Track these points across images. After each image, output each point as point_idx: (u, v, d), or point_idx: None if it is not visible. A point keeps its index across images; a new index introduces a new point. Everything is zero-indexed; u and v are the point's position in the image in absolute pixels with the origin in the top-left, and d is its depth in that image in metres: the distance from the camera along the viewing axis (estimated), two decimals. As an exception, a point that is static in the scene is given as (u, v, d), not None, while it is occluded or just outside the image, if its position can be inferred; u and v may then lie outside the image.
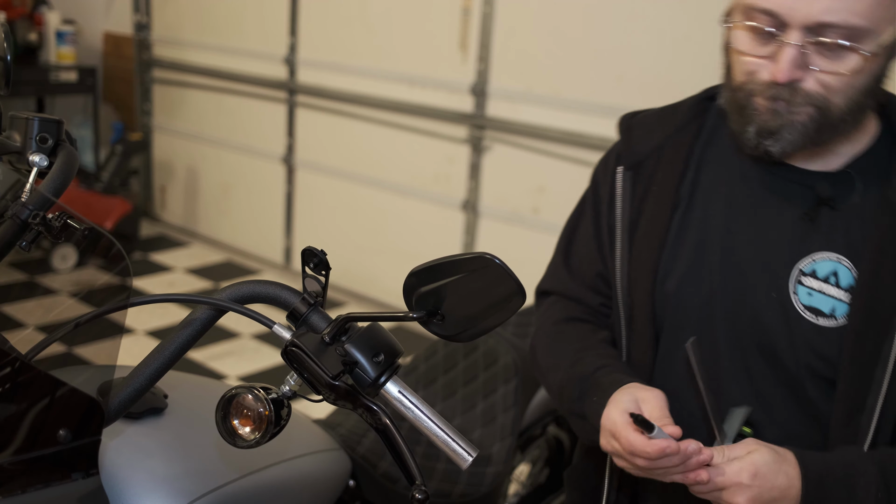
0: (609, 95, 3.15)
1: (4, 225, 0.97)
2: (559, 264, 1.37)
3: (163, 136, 5.00)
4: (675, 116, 1.28)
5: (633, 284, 1.23)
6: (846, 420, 1.10)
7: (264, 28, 4.30)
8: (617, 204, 1.26)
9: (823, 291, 1.13)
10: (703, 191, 1.22)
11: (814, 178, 1.15)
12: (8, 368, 0.85)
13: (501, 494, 1.62)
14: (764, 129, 1.09)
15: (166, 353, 0.93)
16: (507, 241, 3.54)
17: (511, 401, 1.69)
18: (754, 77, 1.09)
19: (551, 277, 1.39)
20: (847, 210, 1.13)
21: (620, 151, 1.29)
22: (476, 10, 3.46)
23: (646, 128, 1.29)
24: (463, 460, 0.86)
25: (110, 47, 5.10)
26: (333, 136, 4.13)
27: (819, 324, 1.12)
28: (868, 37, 1.02)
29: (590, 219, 1.32)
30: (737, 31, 1.10)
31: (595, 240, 1.31)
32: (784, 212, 1.16)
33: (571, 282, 1.34)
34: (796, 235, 1.15)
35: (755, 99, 1.09)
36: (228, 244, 4.77)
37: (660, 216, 1.22)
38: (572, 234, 1.36)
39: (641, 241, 1.23)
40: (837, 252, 1.13)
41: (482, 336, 0.87)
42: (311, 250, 0.89)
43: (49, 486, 0.84)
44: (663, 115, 1.30)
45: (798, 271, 1.14)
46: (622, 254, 1.25)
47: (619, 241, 1.25)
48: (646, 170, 1.25)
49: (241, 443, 0.84)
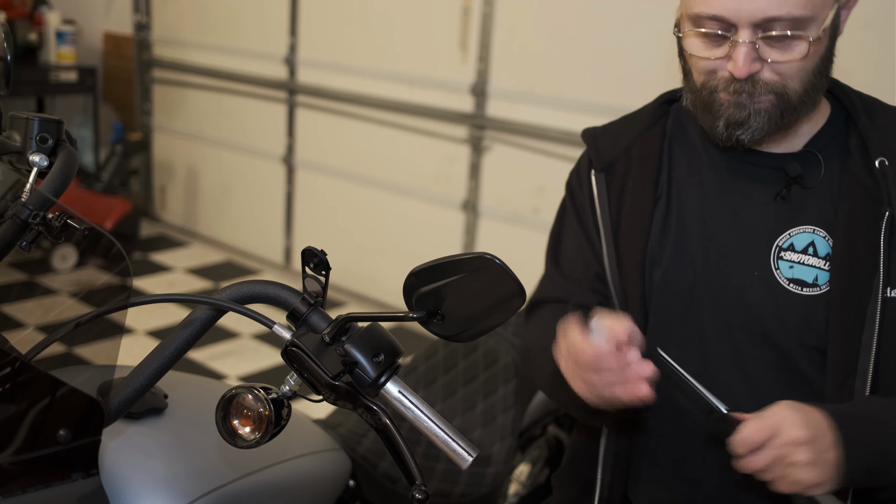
0: (609, 95, 3.15)
1: (4, 225, 0.97)
2: (552, 274, 1.39)
3: (163, 136, 5.00)
4: (638, 121, 1.35)
5: (625, 277, 1.28)
6: (840, 385, 1.14)
7: (264, 28, 4.30)
8: (596, 206, 1.32)
9: (804, 262, 1.19)
10: (677, 183, 1.29)
11: (781, 159, 1.22)
12: (8, 368, 0.85)
13: (501, 494, 1.62)
14: (732, 120, 1.15)
15: (166, 353, 0.93)
16: (507, 241, 3.54)
17: (511, 401, 1.69)
18: (715, 76, 1.16)
19: (546, 287, 1.40)
20: (815, 185, 1.20)
21: (591, 158, 1.35)
22: (476, 10, 3.46)
23: (611, 135, 1.36)
24: (463, 460, 0.86)
25: (110, 47, 5.10)
26: (333, 136, 4.13)
27: (804, 293, 1.18)
28: (811, 23, 1.09)
29: (575, 226, 1.36)
30: (689, 39, 1.17)
31: (586, 244, 1.34)
32: (757, 194, 1.23)
33: (569, 286, 1.35)
34: (771, 215, 1.21)
35: (719, 95, 1.16)
36: (228, 244, 4.77)
37: (641, 209, 1.28)
38: (557, 246, 1.40)
39: (627, 235, 1.28)
40: (813, 224, 1.19)
41: (482, 336, 0.87)
42: (311, 250, 0.89)
43: (49, 487, 0.84)
44: (625, 122, 1.37)
45: (777, 248, 1.20)
46: (609, 251, 1.29)
47: (604, 239, 1.30)
48: (618, 170, 1.32)
49: (242, 443, 0.84)
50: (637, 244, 1.27)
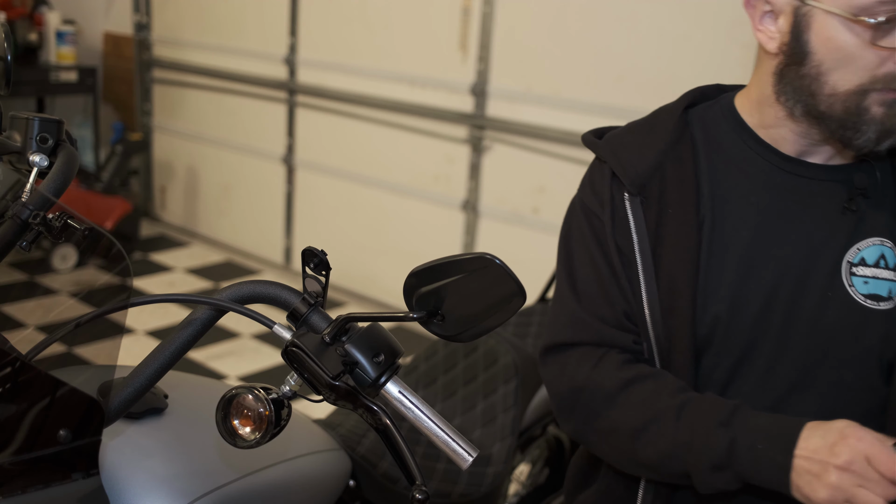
0: (609, 95, 3.15)
1: (5, 225, 0.97)
2: (574, 312, 1.21)
3: (163, 136, 5.00)
4: (661, 131, 1.21)
5: (669, 315, 1.15)
6: None
7: (264, 28, 4.30)
8: (633, 236, 1.17)
9: (878, 276, 1.13)
10: (726, 204, 1.17)
11: (843, 171, 1.16)
12: (8, 368, 0.85)
13: (501, 494, 1.62)
14: (887, 129, 1.05)
15: (166, 353, 0.93)
16: (507, 241, 3.54)
17: (511, 401, 1.69)
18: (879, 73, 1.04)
19: (570, 328, 1.22)
20: (876, 196, 1.15)
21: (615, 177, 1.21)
22: (476, 10, 3.46)
23: (633, 149, 1.21)
24: (463, 460, 0.86)
25: (110, 47, 5.10)
26: (333, 136, 4.13)
27: (882, 308, 1.12)
28: None
29: (597, 256, 1.20)
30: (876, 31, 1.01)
31: (611, 277, 1.19)
32: (820, 210, 1.15)
33: (598, 327, 1.20)
34: (838, 229, 1.14)
35: (875, 97, 1.05)
36: (228, 244, 4.77)
37: (685, 238, 1.15)
38: (572, 278, 1.23)
39: (672, 267, 1.15)
40: (880, 236, 1.14)
41: (482, 336, 0.87)
42: (311, 250, 0.89)
43: (49, 487, 0.84)
44: (644, 131, 1.23)
45: (847, 264, 1.14)
46: (648, 286, 1.16)
47: (643, 273, 1.16)
48: (651, 193, 1.18)
49: (242, 443, 0.84)
50: (686, 278, 1.14)
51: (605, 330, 1.19)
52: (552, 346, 1.23)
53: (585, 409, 1.17)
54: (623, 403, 1.14)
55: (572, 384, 1.19)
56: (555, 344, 1.23)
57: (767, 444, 1.02)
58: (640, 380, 1.14)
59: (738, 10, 2.75)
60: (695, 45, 2.92)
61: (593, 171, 1.26)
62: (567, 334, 1.22)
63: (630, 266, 1.18)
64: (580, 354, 1.20)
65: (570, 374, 1.19)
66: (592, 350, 1.19)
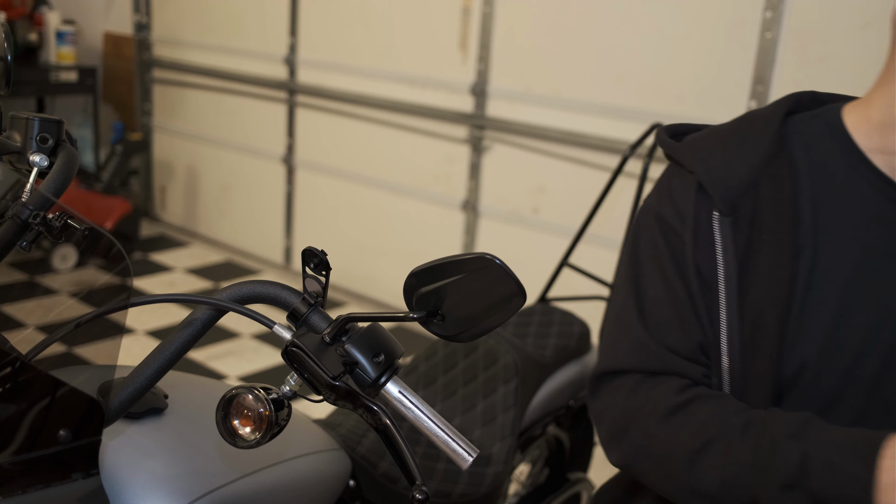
0: (609, 95, 3.15)
1: (5, 225, 0.97)
2: (640, 338, 1.08)
3: (163, 136, 5.00)
4: (754, 143, 1.07)
5: (749, 352, 1.04)
6: None
7: (264, 28, 4.30)
8: (718, 260, 1.05)
9: None
10: (827, 235, 1.04)
11: None
12: (8, 368, 0.85)
13: (501, 494, 1.62)
14: None
15: (166, 353, 0.93)
16: (507, 241, 3.54)
17: (511, 401, 1.69)
18: None
19: (633, 354, 1.09)
20: None
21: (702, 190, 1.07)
22: (476, 10, 3.47)
23: (723, 161, 1.07)
24: (463, 460, 0.86)
25: (110, 47, 5.10)
26: (333, 136, 4.13)
27: None
28: None
29: (673, 277, 1.08)
30: None
31: (688, 302, 1.07)
32: None
33: (665, 356, 1.07)
34: None
35: None
36: (228, 244, 4.77)
37: (779, 270, 1.03)
38: (639, 298, 1.10)
39: (760, 300, 1.03)
40: None
41: (482, 336, 0.87)
42: (311, 250, 0.89)
43: (49, 487, 0.84)
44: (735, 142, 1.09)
45: None
46: (729, 318, 1.04)
47: (724, 303, 1.04)
48: (743, 213, 1.05)
49: (242, 443, 0.84)
50: (775, 313, 1.02)
51: (674, 360, 1.07)
52: (608, 373, 1.11)
53: (637, 433, 1.05)
54: (680, 424, 1.02)
55: (625, 409, 1.07)
56: (612, 370, 1.10)
57: (845, 458, 0.90)
58: (700, 400, 1.03)
59: (738, 11, 2.76)
60: (695, 45, 2.92)
61: (672, 179, 1.11)
62: (628, 361, 1.09)
63: (710, 293, 1.05)
64: (638, 380, 1.08)
65: (624, 399, 1.08)
66: (650, 377, 1.08)
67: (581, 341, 1.94)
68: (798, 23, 2.69)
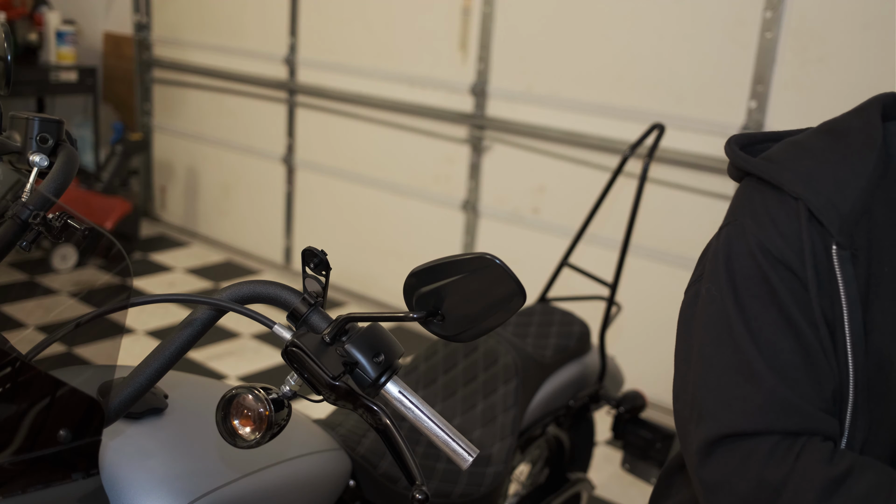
0: (609, 95, 3.15)
1: (5, 225, 0.97)
2: (777, 392, 0.93)
3: (163, 136, 5.00)
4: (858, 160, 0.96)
5: (873, 399, 0.94)
6: None
7: (264, 28, 4.30)
8: (841, 295, 0.93)
9: None
10: None
11: None
12: (8, 368, 0.85)
13: (501, 494, 1.62)
14: None
15: (166, 353, 0.93)
16: (507, 241, 3.54)
17: (511, 401, 1.69)
18: None
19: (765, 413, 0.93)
20: None
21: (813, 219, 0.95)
22: (476, 10, 3.47)
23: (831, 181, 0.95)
24: (463, 460, 0.86)
25: (110, 47, 5.10)
26: (333, 136, 4.13)
27: None
28: None
29: (801, 324, 0.94)
30: None
31: (821, 351, 0.94)
32: None
33: (806, 411, 0.93)
34: None
35: None
36: (228, 244, 4.77)
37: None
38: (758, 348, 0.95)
39: (885, 342, 0.93)
40: None
41: (482, 336, 0.87)
42: (311, 250, 0.89)
43: (49, 487, 0.84)
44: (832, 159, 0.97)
45: None
46: (856, 363, 0.93)
47: (851, 347, 0.93)
48: (860, 242, 0.94)
49: (242, 443, 0.84)
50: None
51: (815, 416, 0.93)
52: (728, 436, 0.94)
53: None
54: (843, 502, 0.88)
55: (762, 481, 0.92)
56: (734, 433, 0.94)
57: None
58: (859, 470, 0.90)
59: (738, 11, 2.76)
60: (695, 45, 2.92)
61: (767, 202, 0.98)
62: (761, 420, 0.93)
63: (834, 336, 0.94)
64: (774, 443, 0.92)
65: (760, 469, 0.92)
66: (787, 438, 0.93)
67: (581, 341, 1.94)
68: (798, 23, 2.69)
